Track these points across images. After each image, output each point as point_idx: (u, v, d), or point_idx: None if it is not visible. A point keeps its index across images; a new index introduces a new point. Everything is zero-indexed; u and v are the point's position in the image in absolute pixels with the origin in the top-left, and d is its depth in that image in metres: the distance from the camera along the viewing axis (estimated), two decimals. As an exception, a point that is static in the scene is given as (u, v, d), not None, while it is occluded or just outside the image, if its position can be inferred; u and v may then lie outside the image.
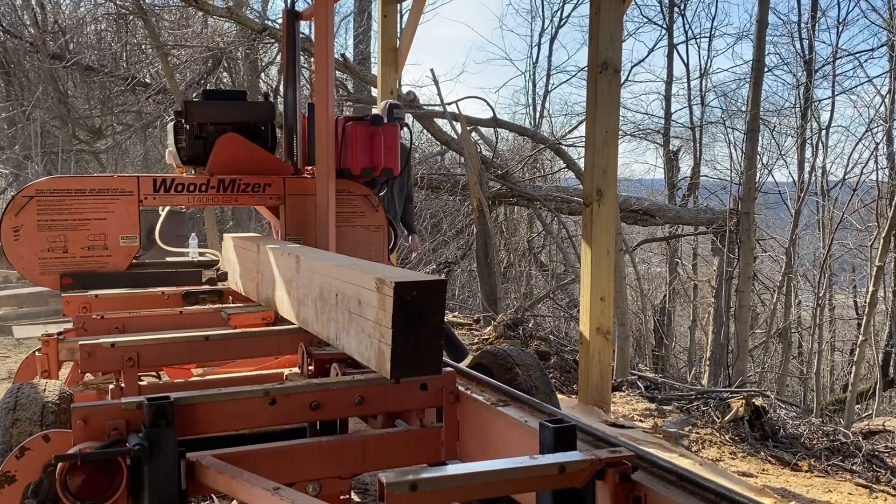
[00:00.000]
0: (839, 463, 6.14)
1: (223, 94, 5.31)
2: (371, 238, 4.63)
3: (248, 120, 4.55)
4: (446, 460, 2.74)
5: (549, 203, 11.85)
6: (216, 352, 3.48)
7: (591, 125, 5.24)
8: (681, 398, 7.40)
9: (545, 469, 1.90)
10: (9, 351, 7.99)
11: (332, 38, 4.50)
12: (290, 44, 4.67)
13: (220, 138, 4.37)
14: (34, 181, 4.24)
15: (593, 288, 5.24)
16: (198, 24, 14.32)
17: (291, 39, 4.66)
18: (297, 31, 4.70)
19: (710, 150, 20.74)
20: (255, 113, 4.64)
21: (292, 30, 4.66)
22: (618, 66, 5.21)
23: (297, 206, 4.44)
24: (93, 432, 2.23)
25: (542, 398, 3.33)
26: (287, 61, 4.72)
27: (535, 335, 7.70)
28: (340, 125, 4.54)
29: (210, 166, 4.36)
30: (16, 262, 4.02)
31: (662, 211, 13.35)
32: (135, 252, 4.18)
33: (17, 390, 2.84)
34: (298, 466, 2.51)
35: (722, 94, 18.91)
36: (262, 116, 4.61)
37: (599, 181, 5.19)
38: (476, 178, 9.91)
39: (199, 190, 4.28)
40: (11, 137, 14.98)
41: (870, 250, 13.87)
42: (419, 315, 2.28)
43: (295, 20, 4.69)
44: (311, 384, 2.61)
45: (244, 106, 4.71)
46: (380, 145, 4.53)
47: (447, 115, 10.86)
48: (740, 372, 11.70)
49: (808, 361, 15.69)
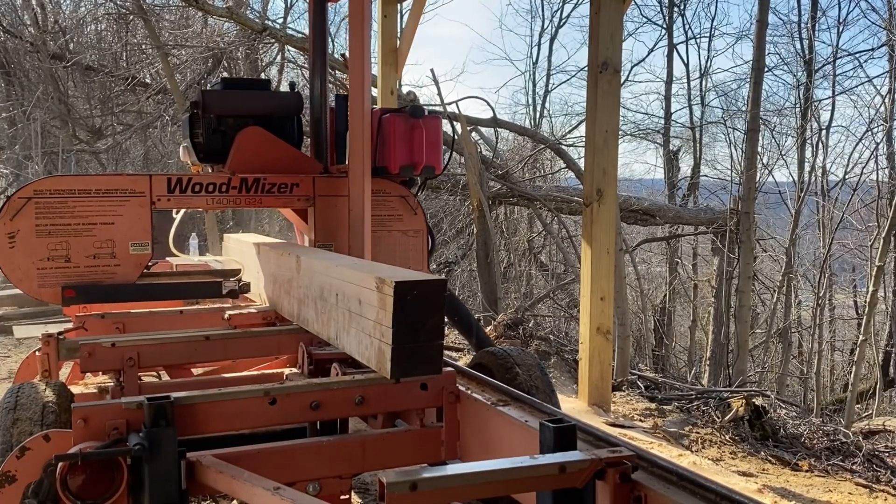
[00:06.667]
0: (839, 463, 6.14)
1: (244, 83, 4.66)
2: (409, 244, 4.17)
3: (272, 112, 4.07)
4: (446, 460, 2.74)
5: (550, 203, 11.85)
6: (216, 351, 3.49)
7: (591, 125, 5.24)
8: (681, 398, 7.39)
9: (545, 469, 1.90)
10: (9, 351, 8.00)
11: (370, 21, 3.90)
12: (318, 29, 4.15)
13: (241, 132, 3.87)
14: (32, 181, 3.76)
15: (593, 288, 5.24)
16: (198, 23, 14.32)
17: (319, 24, 4.14)
18: (325, 14, 4.20)
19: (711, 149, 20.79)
20: (280, 104, 4.17)
21: (320, 14, 4.14)
22: (618, 66, 5.21)
23: (329, 209, 3.95)
24: (93, 432, 2.23)
25: (543, 398, 3.32)
26: (313, 48, 4.17)
27: (536, 335, 7.71)
28: (376, 118, 4.03)
29: (230, 164, 3.89)
30: (11, 274, 3.50)
31: (662, 211, 13.35)
32: (146, 261, 3.70)
33: (17, 390, 2.83)
34: (299, 466, 2.51)
35: (722, 94, 18.95)
36: (289, 108, 4.15)
37: (599, 181, 5.20)
38: (476, 178, 9.91)
39: (218, 191, 3.78)
40: (12, 137, 14.98)
41: (870, 250, 13.85)
42: (419, 315, 2.28)
43: (323, 3, 4.18)
44: (312, 384, 2.61)
45: (268, 96, 4.25)
46: (421, 140, 4.01)
47: (447, 115, 10.86)
48: (740, 372, 11.69)
49: (808, 361, 15.68)
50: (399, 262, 4.06)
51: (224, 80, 4.37)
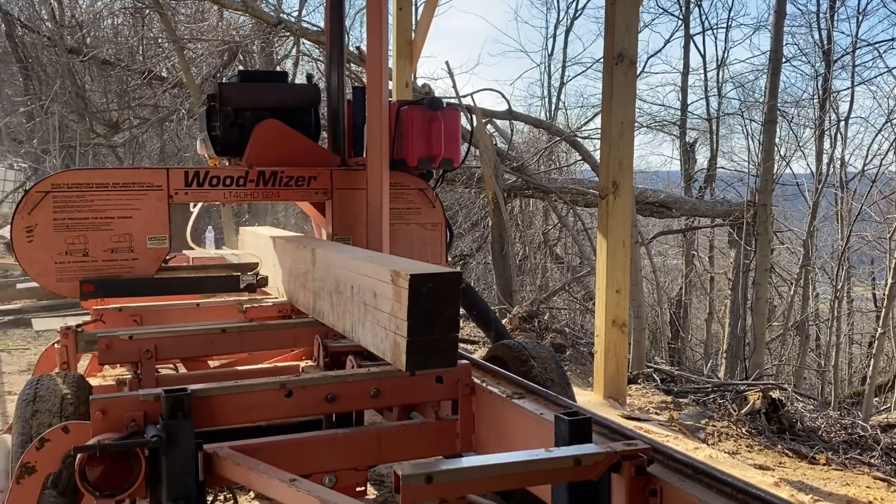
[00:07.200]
0: (857, 456, 6.10)
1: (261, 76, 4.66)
2: (427, 237, 4.17)
3: (289, 105, 4.04)
4: (462, 452, 2.75)
5: (565, 195, 11.81)
6: (233, 344, 3.51)
7: (606, 117, 5.21)
8: (697, 391, 7.37)
9: (561, 462, 1.90)
10: (28, 343, 8.07)
11: (387, 13, 3.87)
12: (335, 18, 4.10)
13: (258, 125, 3.86)
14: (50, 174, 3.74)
15: (609, 280, 5.22)
16: (213, 17, 14.37)
17: (337, 13, 4.09)
18: (342, 6, 4.16)
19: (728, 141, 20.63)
20: (297, 96, 4.14)
21: (337, 6, 4.10)
22: (634, 58, 5.17)
23: (346, 202, 3.93)
24: (111, 424, 2.25)
25: (558, 391, 3.32)
26: (331, 40, 4.12)
27: (551, 328, 7.70)
28: (394, 110, 4.01)
29: (248, 157, 3.87)
30: (29, 268, 3.50)
31: (679, 203, 13.27)
32: (164, 255, 3.68)
33: (36, 382, 2.86)
34: (314, 458, 2.52)
35: (739, 86, 18.79)
36: (306, 101, 4.10)
37: (615, 173, 5.16)
38: (491, 170, 9.90)
39: (236, 184, 3.76)
40: (30, 132, 15.09)
41: (889, 242, 13.74)
42: (434, 307, 2.28)
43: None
44: (327, 377, 2.62)
45: (285, 88, 4.23)
46: (439, 132, 3.98)
47: (462, 107, 10.84)
48: (757, 365, 11.64)
49: (825, 354, 15.60)
50: (417, 255, 4.05)
51: (241, 73, 4.37)
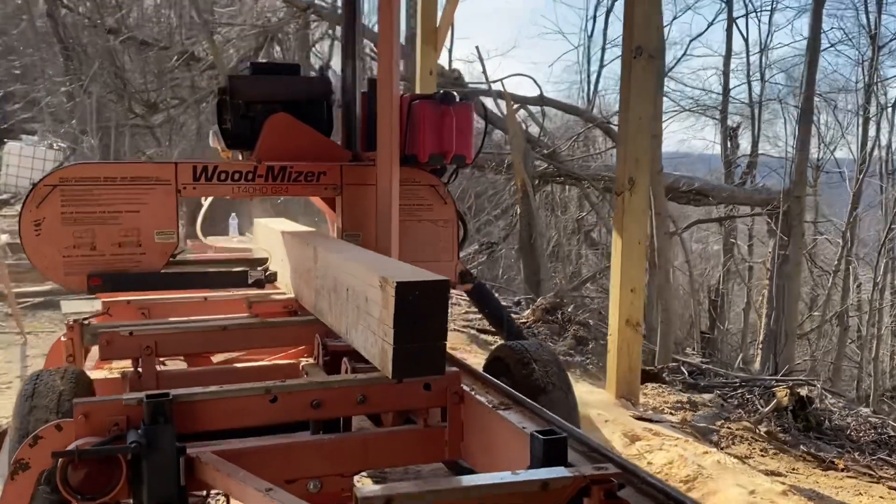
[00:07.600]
0: (885, 457, 5.97)
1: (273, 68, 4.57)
2: (439, 234, 4.07)
3: (300, 97, 3.97)
4: (450, 459, 2.73)
5: (598, 182, 11.69)
6: (233, 341, 3.52)
7: (624, 113, 5.11)
8: (724, 385, 7.27)
9: (527, 486, 1.87)
10: (55, 326, 8.17)
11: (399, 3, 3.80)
12: (350, 9, 4.03)
13: (268, 119, 3.80)
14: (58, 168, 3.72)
15: (623, 279, 5.14)
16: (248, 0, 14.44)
17: (351, 4, 4.03)
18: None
19: (772, 126, 20.10)
20: (308, 89, 4.07)
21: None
22: (653, 52, 5.03)
23: (356, 198, 3.87)
24: (94, 428, 2.27)
25: (559, 395, 3.29)
26: (345, 30, 4.05)
27: (574, 320, 7.63)
28: (405, 104, 3.92)
29: (258, 151, 3.81)
30: (37, 261, 3.49)
31: (716, 191, 13.07)
32: (172, 249, 3.66)
33: (36, 377, 2.90)
34: (300, 463, 2.52)
35: (783, 71, 18.38)
36: (317, 93, 4.03)
37: (632, 170, 5.07)
38: (521, 157, 9.82)
39: (244, 179, 3.71)
40: (69, 112, 15.32)
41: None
42: (422, 315, 2.25)
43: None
44: (313, 382, 2.61)
45: (296, 81, 4.16)
46: (451, 128, 3.88)
47: (492, 93, 10.75)
48: (787, 359, 11.45)
49: (866, 346, 15.31)
50: (428, 252, 4.00)
51: (253, 65, 4.32)
